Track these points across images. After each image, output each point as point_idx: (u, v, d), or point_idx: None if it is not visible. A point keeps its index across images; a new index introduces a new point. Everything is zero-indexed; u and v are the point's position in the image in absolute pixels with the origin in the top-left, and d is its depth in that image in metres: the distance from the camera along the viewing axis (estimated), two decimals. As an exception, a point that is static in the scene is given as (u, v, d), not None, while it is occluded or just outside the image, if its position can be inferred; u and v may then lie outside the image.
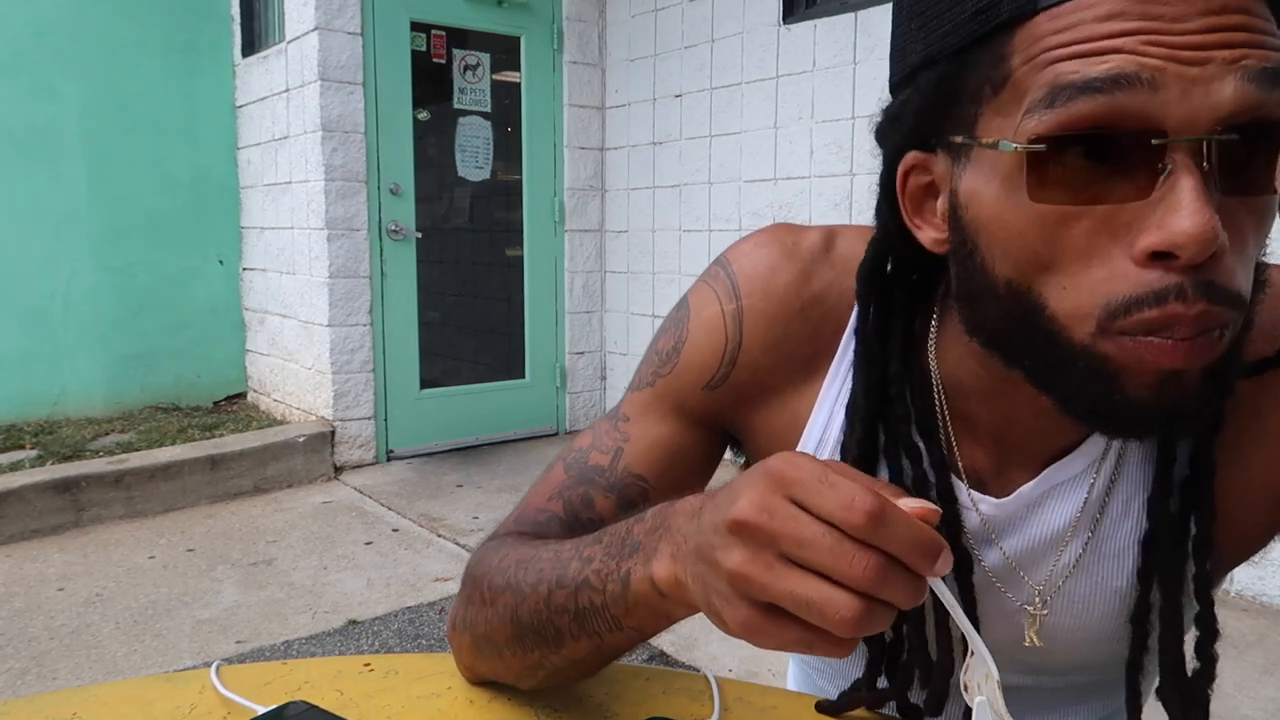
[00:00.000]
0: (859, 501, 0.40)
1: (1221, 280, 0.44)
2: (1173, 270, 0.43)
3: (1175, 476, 0.57)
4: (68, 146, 4.28)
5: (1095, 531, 0.61)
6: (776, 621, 0.42)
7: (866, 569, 0.40)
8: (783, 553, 0.41)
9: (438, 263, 4.45)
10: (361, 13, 3.95)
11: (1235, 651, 2.38)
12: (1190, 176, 0.42)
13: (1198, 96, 0.42)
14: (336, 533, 3.35)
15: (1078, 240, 0.45)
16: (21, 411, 4.26)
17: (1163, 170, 0.43)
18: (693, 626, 2.57)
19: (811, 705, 0.71)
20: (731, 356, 0.67)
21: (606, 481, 0.69)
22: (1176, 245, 0.42)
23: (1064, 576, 0.62)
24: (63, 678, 2.32)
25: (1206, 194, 0.42)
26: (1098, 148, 0.44)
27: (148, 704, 0.69)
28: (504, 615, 0.62)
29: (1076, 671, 0.68)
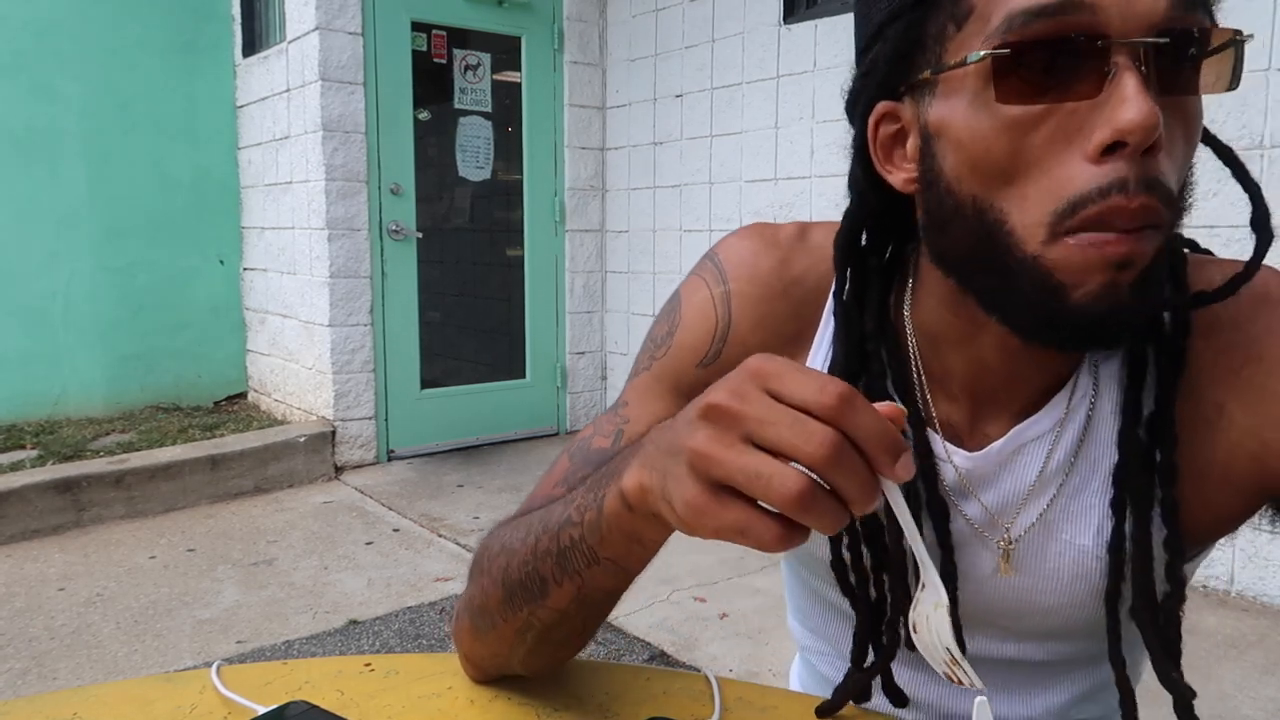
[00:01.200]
0: (831, 385, 0.42)
1: (1159, 174, 0.50)
2: (1119, 164, 0.49)
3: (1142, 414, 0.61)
4: (68, 146, 4.28)
5: (1067, 482, 0.64)
6: (722, 501, 0.43)
7: (822, 443, 0.41)
8: (747, 433, 0.43)
9: (438, 263, 4.45)
10: (362, 13, 3.95)
11: (1236, 651, 2.37)
12: (1131, 75, 0.48)
13: (1132, 10, 0.49)
14: (337, 533, 3.35)
15: (1038, 145, 0.51)
16: (22, 411, 4.26)
17: (1108, 73, 0.49)
18: (693, 627, 2.57)
19: (811, 706, 0.71)
20: (722, 334, 0.72)
21: None
22: (1124, 133, 0.48)
23: (1037, 527, 0.65)
24: (63, 678, 2.32)
25: (1146, 89, 0.48)
26: (1052, 55, 0.50)
27: (148, 704, 0.69)
28: (497, 579, 0.64)
29: (1056, 636, 0.70)
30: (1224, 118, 2.63)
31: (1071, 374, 0.64)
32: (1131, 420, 0.61)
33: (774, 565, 2.93)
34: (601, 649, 2.46)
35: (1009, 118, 0.51)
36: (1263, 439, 0.59)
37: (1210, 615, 2.57)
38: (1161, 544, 0.62)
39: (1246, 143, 2.60)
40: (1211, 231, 2.68)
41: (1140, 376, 0.62)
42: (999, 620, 0.70)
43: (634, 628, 2.58)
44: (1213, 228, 2.68)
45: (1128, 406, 0.61)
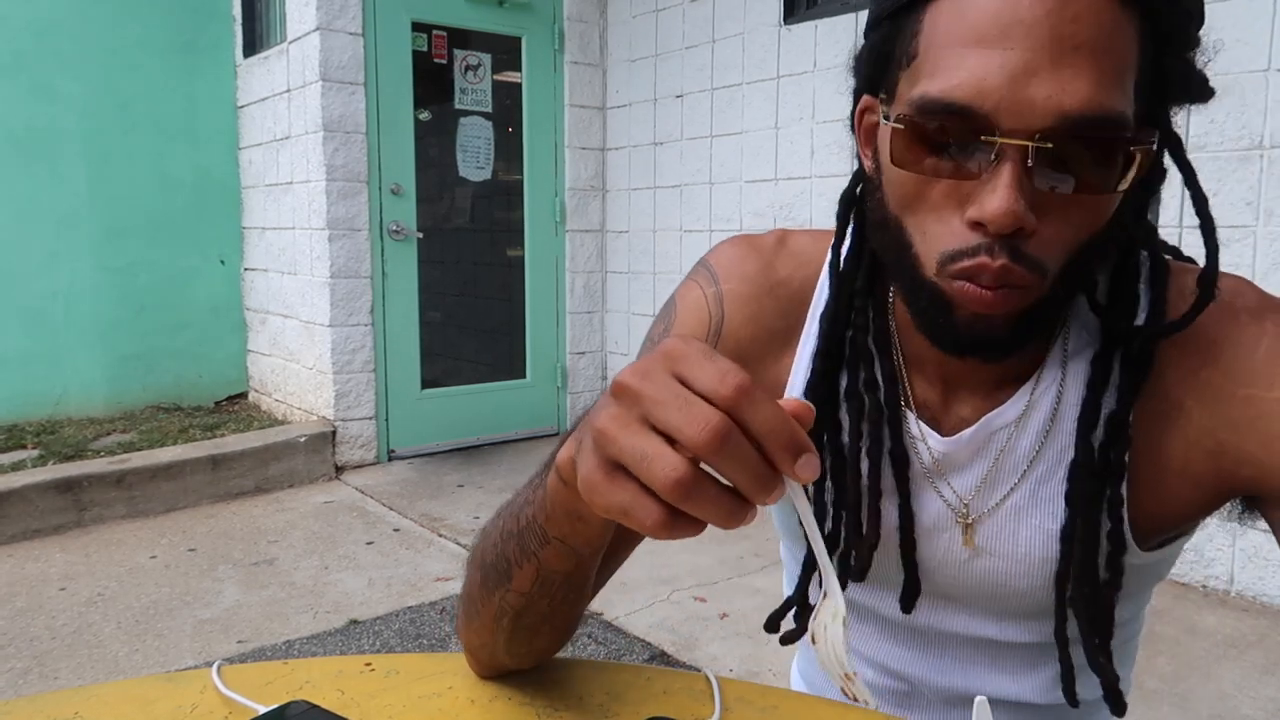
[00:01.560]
0: (731, 375, 0.41)
1: (1027, 249, 0.55)
2: (987, 235, 0.55)
3: (1101, 413, 0.65)
4: (69, 146, 4.28)
5: (1034, 468, 0.69)
6: (613, 479, 0.43)
7: (705, 428, 0.40)
8: (644, 413, 0.42)
9: (439, 263, 4.45)
10: (363, 13, 3.95)
11: (1235, 651, 2.38)
12: (1008, 168, 0.53)
13: (1024, 113, 0.53)
14: (338, 533, 3.35)
15: (932, 199, 0.58)
16: (23, 411, 4.27)
17: (992, 159, 0.54)
18: (693, 627, 2.57)
19: (812, 706, 0.71)
20: (716, 330, 0.77)
21: None
22: (985, 219, 0.54)
23: (1005, 511, 0.70)
24: (64, 677, 2.32)
25: (1018, 184, 0.53)
26: (944, 139, 0.56)
27: (149, 704, 0.69)
28: (477, 562, 0.67)
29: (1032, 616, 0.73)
30: (1224, 118, 2.63)
31: (1038, 364, 0.68)
32: (1090, 419, 0.65)
33: (774, 565, 2.93)
34: (601, 649, 2.47)
35: (906, 174, 0.58)
36: (1219, 439, 0.63)
37: (1210, 615, 2.57)
38: (1105, 536, 0.66)
39: (1246, 143, 2.60)
40: (1212, 232, 2.68)
41: (1105, 375, 0.65)
42: (975, 601, 0.74)
43: (634, 628, 2.58)
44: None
45: (1088, 406, 0.65)
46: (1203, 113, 2.67)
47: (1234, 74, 2.60)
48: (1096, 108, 0.52)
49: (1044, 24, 0.52)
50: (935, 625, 0.78)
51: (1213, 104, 2.67)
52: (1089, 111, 0.52)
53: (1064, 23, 0.52)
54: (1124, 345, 0.65)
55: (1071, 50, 0.52)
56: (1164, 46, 0.55)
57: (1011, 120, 0.53)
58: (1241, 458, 0.62)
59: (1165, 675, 2.27)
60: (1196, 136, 2.69)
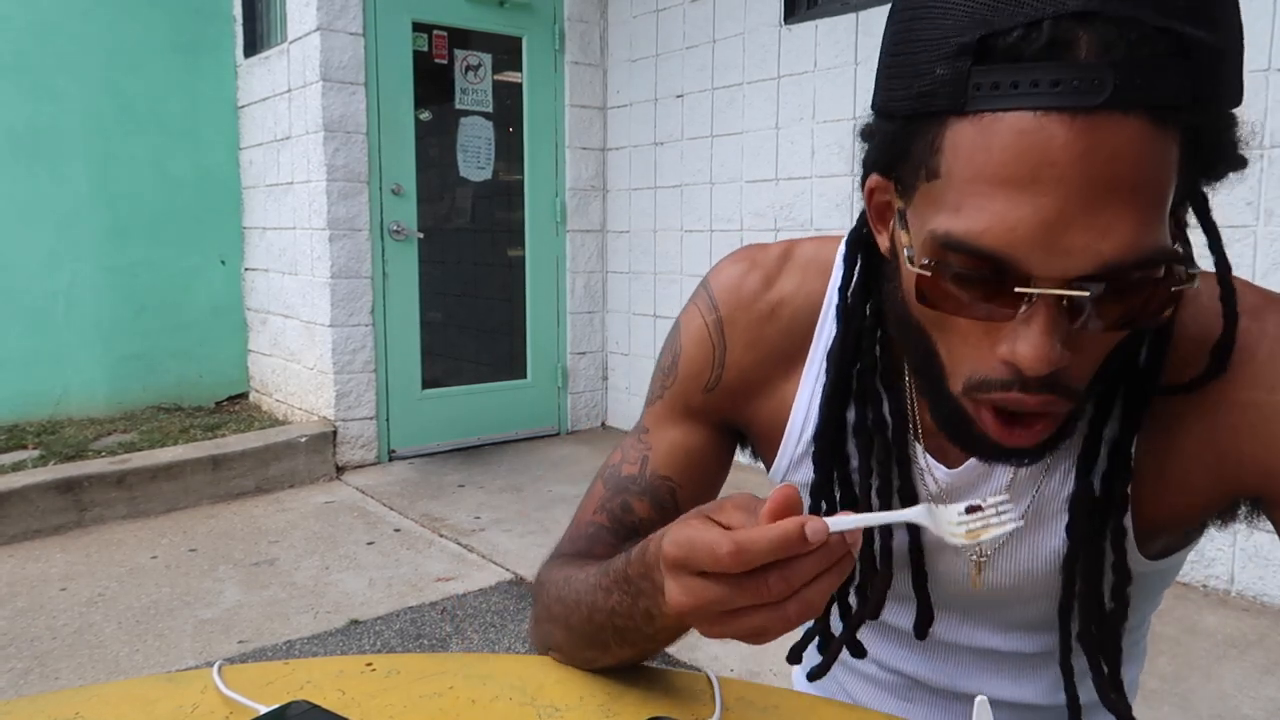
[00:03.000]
0: (721, 549, 0.49)
1: (1064, 380, 0.53)
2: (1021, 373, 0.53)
3: (1102, 445, 0.64)
4: (70, 147, 4.28)
5: (1040, 492, 0.68)
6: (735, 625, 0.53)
7: (772, 590, 0.50)
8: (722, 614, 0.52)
9: (439, 263, 4.45)
10: (363, 13, 3.95)
11: (1236, 651, 2.37)
12: (1044, 313, 0.50)
13: (1059, 264, 0.49)
14: (338, 533, 3.35)
15: (960, 326, 0.55)
16: (24, 411, 4.27)
17: (1026, 301, 0.51)
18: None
19: (813, 706, 0.71)
20: (720, 360, 0.77)
21: (639, 487, 0.79)
22: (1020, 365, 0.51)
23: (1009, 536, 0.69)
24: (65, 677, 2.32)
25: (1053, 329, 0.50)
26: (973, 280, 0.52)
27: (150, 704, 0.69)
28: (560, 624, 0.73)
29: (1037, 628, 0.74)
30: (1225, 118, 2.63)
31: None
32: (1091, 454, 0.64)
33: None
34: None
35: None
36: (1221, 443, 0.62)
37: (1210, 615, 2.57)
38: (1110, 567, 0.66)
39: (1248, 143, 2.60)
40: (1212, 231, 2.68)
41: (1107, 408, 0.64)
42: (980, 615, 0.75)
43: (635, 628, 2.58)
44: (1213, 228, 2.68)
45: (1089, 442, 0.64)
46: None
47: (1234, 74, 2.60)
48: (1137, 250, 0.48)
49: (1077, 166, 0.47)
50: (941, 637, 0.78)
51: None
52: (1130, 256, 0.49)
53: (1099, 163, 0.47)
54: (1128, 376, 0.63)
55: (1108, 192, 0.47)
56: (1207, 149, 0.51)
57: (1044, 269, 0.49)
58: (1244, 461, 0.61)
59: (1166, 675, 2.27)
60: (1197, 136, 2.69)
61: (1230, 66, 0.49)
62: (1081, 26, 0.46)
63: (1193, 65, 0.47)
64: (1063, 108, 0.46)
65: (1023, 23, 0.47)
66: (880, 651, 0.83)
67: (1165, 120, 0.47)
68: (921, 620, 0.75)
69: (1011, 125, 0.48)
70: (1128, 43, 0.46)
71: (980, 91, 0.48)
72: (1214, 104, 0.49)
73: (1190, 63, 0.47)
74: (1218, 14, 0.48)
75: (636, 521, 0.78)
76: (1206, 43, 0.47)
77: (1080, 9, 0.46)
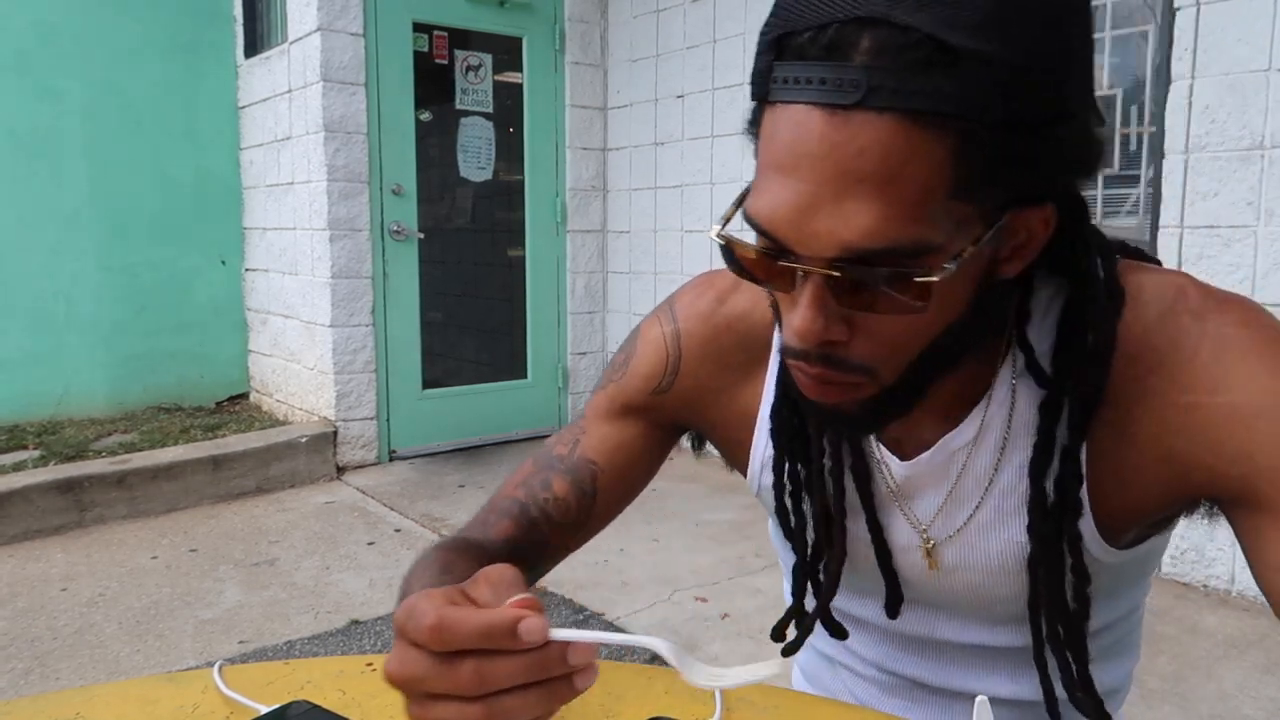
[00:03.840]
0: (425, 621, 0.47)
1: (845, 355, 0.58)
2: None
3: (1054, 451, 0.65)
4: (70, 147, 4.28)
5: (995, 484, 0.70)
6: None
7: (462, 681, 0.47)
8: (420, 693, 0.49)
9: (440, 263, 4.45)
10: (364, 13, 3.95)
11: (1236, 651, 2.37)
12: (809, 289, 0.55)
13: (811, 244, 0.54)
14: (339, 533, 3.36)
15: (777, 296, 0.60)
16: (24, 412, 4.27)
17: (799, 277, 0.55)
18: (695, 627, 2.57)
19: (813, 706, 0.71)
20: (674, 367, 0.81)
21: (564, 466, 0.83)
22: (791, 335, 0.57)
23: (972, 528, 0.71)
24: (66, 678, 2.32)
25: (817, 305, 0.55)
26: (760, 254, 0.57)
27: (151, 704, 0.70)
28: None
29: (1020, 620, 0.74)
30: (1225, 118, 2.63)
31: (988, 386, 0.68)
32: (1042, 462, 0.66)
33: (776, 565, 2.93)
34: (603, 649, 2.46)
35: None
36: (1168, 444, 0.62)
37: (1211, 615, 2.57)
38: (1069, 569, 0.67)
39: (1247, 143, 2.60)
40: (1212, 231, 2.68)
41: (1056, 407, 0.65)
42: (960, 610, 0.76)
43: (635, 628, 2.58)
44: (1213, 228, 2.68)
45: (1041, 445, 0.65)
46: (1203, 113, 2.67)
47: (1235, 74, 2.60)
48: (882, 239, 0.52)
49: (829, 158, 0.51)
50: (928, 634, 0.79)
51: (1214, 104, 2.68)
52: (872, 244, 0.52)
53: (848, 157, 0.51)
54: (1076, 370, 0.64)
55: (855, 183, 0.51)
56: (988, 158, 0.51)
57: (801, 248, 0.54)
58: (1191, 463, 0.62)
59: (1166, 675, 2.27)
60: (1197, 137, 2.69)
61: (1023, 81, 0.50)
62: (863, 31, 0.49)
63: (963, 75, 0.48)
64: (823, 104, 0.51)
65: (814, 25, 0.51)
66: (873, 651, 0.83)
67: (924, 124, 0.50)
68: (891, 598, 0.76)
69: (789, 116, 0.53)
70: (897, 48, 0.49)
71: (776, 84, 0.53)
72: (988, 114, 0.49)
73: (959, 72, 0.48)
74: (1013, 30, 0.49)
75: (551, 499, 0.82)
76: (981, 54, 0.48)
77: (864, 15, 0.49)
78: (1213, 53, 2.64)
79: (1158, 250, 2.83)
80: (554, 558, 0.85)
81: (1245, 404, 0.59)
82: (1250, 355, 0.60)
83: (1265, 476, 0.58)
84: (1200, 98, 2.68)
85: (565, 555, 0.86)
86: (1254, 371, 0.59)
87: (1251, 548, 0.62)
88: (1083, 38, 0.53)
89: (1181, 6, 2.70)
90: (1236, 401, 0.59)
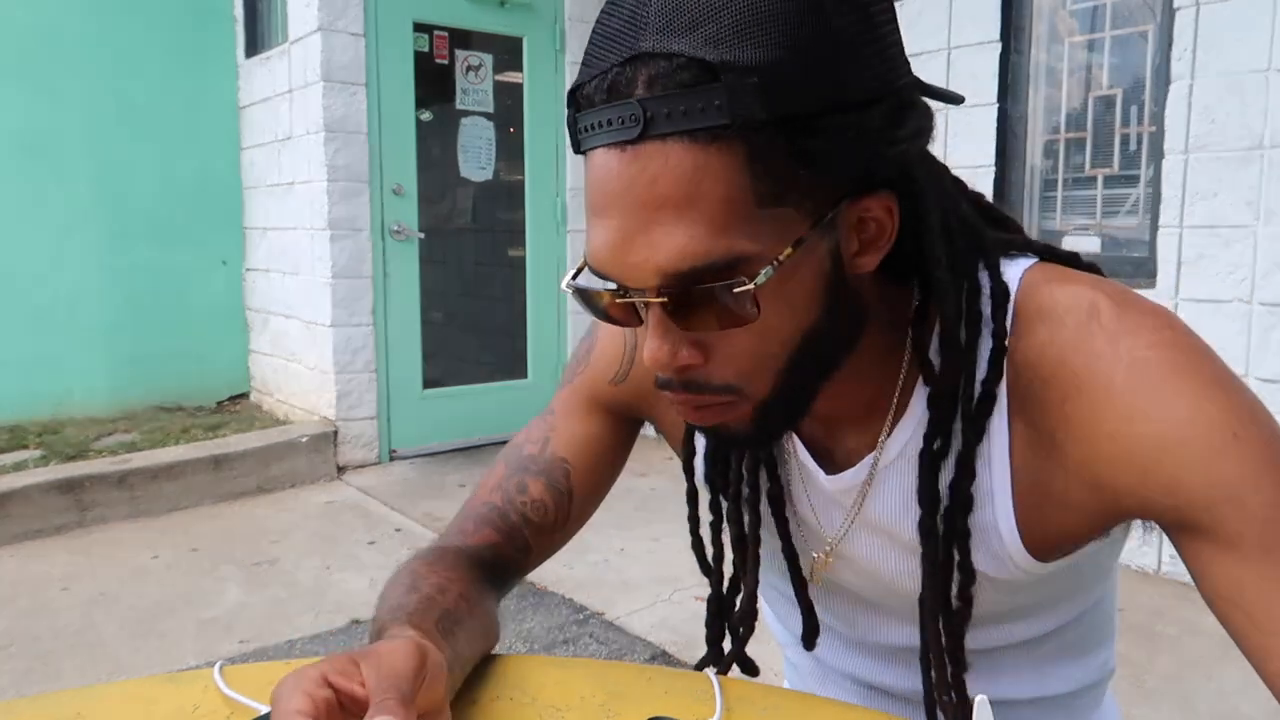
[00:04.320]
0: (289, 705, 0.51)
1: (704, 377, 0.59)
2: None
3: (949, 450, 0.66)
4: (71, 148, 4.28)
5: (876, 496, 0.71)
6: None
7: None
8: None
9: (440, 263, 4.45)
10: (364, 14, 3.95)
11: (1237, 651, 2.37)
12: (653, 319, 0.56)
13: (633, 277, 0.55)
14: (340, 532, 3.36)
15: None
16: (26, 412, 4.27)
17: (642, 309, 0.58)
18: (694, 626, 2.57)
19: (813, 706, 0.72)
20: (630, 357, 0.81)
21: (537, 467, 0.83)
22: (647, 364, 0.57)
23: (853, 532, 0.73)
24: (67, 677, 2.33)
25: (662, 333, 0.56)
26: (602, 294, 0.59)
27: (152, 704, 0.70)
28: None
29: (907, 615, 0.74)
30: (1224, 118, 2.63)
31: (895, 379, 0.68)
32: (930, 470, 0.66)
33: (776, 565, 2.93)
34: (603, 648, 2.47)
35: None
36: (1095, 471, 0.60)
37: (1210, 615, 2.56)
38: (956, 567, 0.67)
39: (1247, 143, 2.60)
40: (1212, 231, 2.68)
41: (947, 421, 0.65)
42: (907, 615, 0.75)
43: (635, 627, 2.58)
44: (1213, 228, 2.68)
45: (930, 433, 0.65)
46: (1203, 113, 2.67)
47: (1234, 74, 2.60)
48: (691, 258, 0.53)
49: (629, 192, 0.53)
50: (882, 640, 0.80)
51: (1214, 104, 2.68)
52: (685, 265, 0.53)
53: (642, 187, 0.52)
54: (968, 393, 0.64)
55: (656, 210, 0.53)
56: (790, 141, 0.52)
57: (629, 281, 0.56)
58: (1120, 490, 0.60)
59: (1167, 674, 2.27)
60: (1197, 137, 2.69)
61: (782, 80, 0.50)
62: (638, 69, 0.52)
63: (727, 87, 0.50)
64: (613, 143, 0.53)
65: (599, 72, 0.53)
66: (846, 661, 0.84)
67: (706, 141, 0.51)
68: (808, 630, 0.78)
69: (593, 161, 0.55)
70: (666, 76, 0.51)
71: (581, 135, 0.56)
72: (756, 119, 0.51)
73: (722, 85, 0.50)
74: (764, 33, 0.50)
75: (528, 503, 0.82)
76: (738, 64, 0.50)
77: (630, 54, 0.52)
78: (1212, 53, 2.64)
79: (1158, 250, 2.83)
80: (534, 561, 0.85)
81: (1168, 433, 0.57)
82: (1168, 380, 0.58)
83: (1199, 505, 0.56)
84: (1200, 98, 2.68)
85: (545, 558, 0.86)
86: (1172, 398, 0.57)
87: (1199, 575, 0.59)
88: (858, 21, 0.53)
89: (1181, 7, 2.70)
90: (1159, 431, 0.57)
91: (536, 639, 2.52)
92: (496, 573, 0.82)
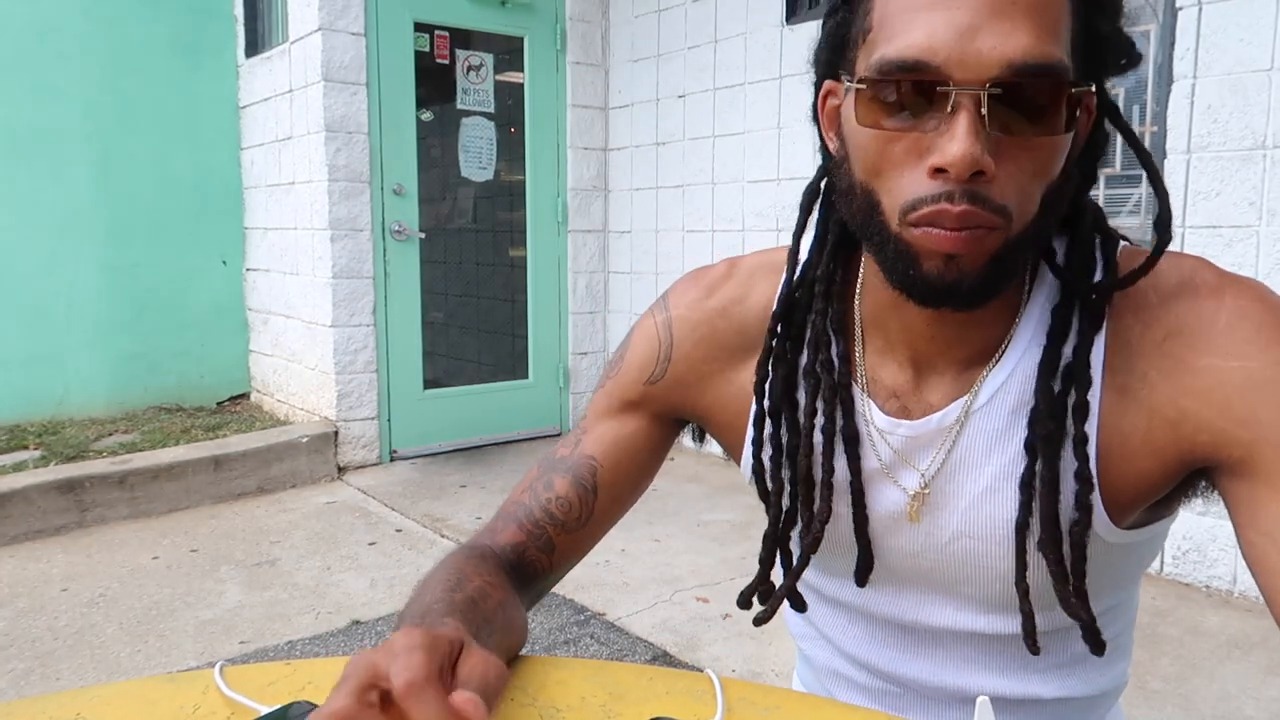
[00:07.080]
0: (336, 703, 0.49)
1: (987, 193, 0.59)
2: (949, 182, 0.59)
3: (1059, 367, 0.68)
4: (71, 147, 4.28)
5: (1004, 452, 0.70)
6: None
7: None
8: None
9: (441, 263, 4.45)
10: (365, 13, 3.95)
11: (1240, 652, 2.37)
12: (965, 116, 0.58)
13: (972, 64, 0.58)
14: (340, 533, 3.36)
15: (895, 156, 0.62)
16: (25, 412, 4.27)
17: (950, 110, 0.58)
18: (695, 627, 2.57)
19: (815, 707, 0.71)
20: (666, 355, 0.83)
21: (565, 466, 0.85)
22: (947, 163, 0.58)
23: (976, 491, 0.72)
24: (66, 678, 2.32)
25: (976, 130, 0.58)
26: (904, 94, 0.60)
27: (151, 704, 0.69)
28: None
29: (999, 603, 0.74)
30: (1227, 118, 2.63)
31: (1003, 337, 0.70)
32: (1048, 370, 0.68)
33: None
34: (604, 649, 2.46)
35: (871, 133, 0.62)
36: (1180, 406, 0.65)
37: (1213, 616, 2.57)
38: (1073, 475, 0.67)
39: (1250, 143, 2.59)
40: (1214, 231, 2.68)
41: (1063, 334, 0.68)
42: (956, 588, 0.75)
43: (636, 628, 2.58)
44: (1215, 227, 2.68)
45: (1046, 359, 0.68)
46: (1205, 113, 2.67)
47: (1237, 74, 2.60)
48: (1039, 56, 0.57)
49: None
50: (921, 620, 0.78)
51: (1216, 104, 2.68)
52: (1031, 60, 0.57)
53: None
54: (1082, 299, 0.68)
55: (1010, 5, 0.57)
56: (1094, 12, 0.61)
57: (962, 72, 0.58)
58: (1200, 424, 0.64)
59: (1169, 676, 2.27)
60: (1199, 136, 2.69)
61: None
62: None
63: None
64: None
65: None
66: (865, 650, 0.83)
67: None
68: (862, 566, 0.77)
69: None
70: None
71: None
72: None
73: None
74: None
75: (553, 498, 0.83)
76: None
77: None
78: (1215, 52, 2.64)
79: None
80: (560, 562, 0.85)
81: (1258, 371, 0.62)
82: (1265, 327, 0.64)
83: (1270, 443, 0.61)
84: (1202, 97, 2.68)
85: (572, 559, 0.86)
86: (1267, 344, 0.63)
87: (1243, 515, 0.63)
88: None
89: (1183, 6, 2.70)
90: (1250, 368, 0.62)
91: (537, 639, 2.52)
92: (524, 577, 0.82)
